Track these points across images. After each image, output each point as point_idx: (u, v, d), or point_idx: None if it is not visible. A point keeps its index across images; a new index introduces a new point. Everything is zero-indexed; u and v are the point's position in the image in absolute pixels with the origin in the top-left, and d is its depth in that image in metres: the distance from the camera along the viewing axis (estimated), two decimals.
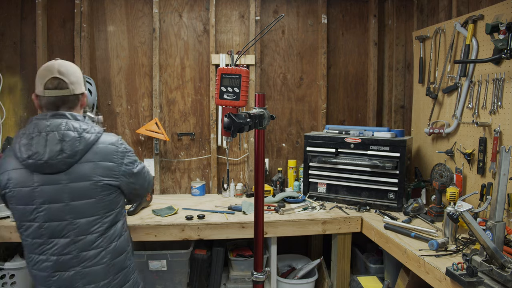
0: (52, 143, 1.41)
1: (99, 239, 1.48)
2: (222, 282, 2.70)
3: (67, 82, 1.51)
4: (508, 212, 2.04)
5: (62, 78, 1.50)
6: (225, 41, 3.10)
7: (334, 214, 2.51)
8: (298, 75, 3.25)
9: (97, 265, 1.48)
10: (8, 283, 2.23)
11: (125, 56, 3.00)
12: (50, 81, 1.49)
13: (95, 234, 1.48)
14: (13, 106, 2.89)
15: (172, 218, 2.37)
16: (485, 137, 2.24)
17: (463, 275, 1.49)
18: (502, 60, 2.11)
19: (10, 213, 1.53)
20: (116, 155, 1.53)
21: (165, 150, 3.08)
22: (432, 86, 2.74)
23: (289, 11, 3.20)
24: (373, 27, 3.27)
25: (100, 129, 1.54)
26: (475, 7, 2.48)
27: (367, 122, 3.37)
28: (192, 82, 3.09)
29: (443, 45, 2.64)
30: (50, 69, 1.51)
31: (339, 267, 2.55)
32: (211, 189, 3.12)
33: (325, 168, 2.81)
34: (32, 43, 2.85)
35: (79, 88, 1.55)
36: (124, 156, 1.56)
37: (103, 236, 1.49)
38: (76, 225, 1.45)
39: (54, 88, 1.50)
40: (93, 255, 1.48)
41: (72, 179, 1.44)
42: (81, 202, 1.45)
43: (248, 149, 3.15)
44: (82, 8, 2.84)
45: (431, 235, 2.06)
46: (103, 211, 1.49)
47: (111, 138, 1.56)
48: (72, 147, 1.42)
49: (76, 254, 1.46)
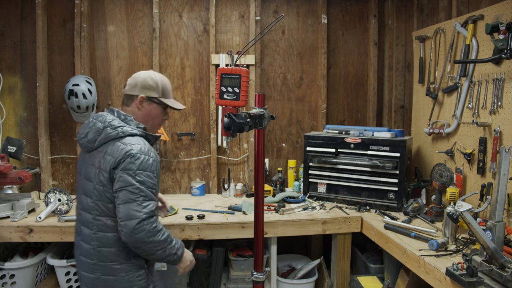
0: (87, 128, 1.67)
1: (93, 221, 1.62)
2: (222, 282, 2.70)
3: (126, 84, 1.77)
4: (508, 212, 2.04)
5: (127, 81, 1.77)
6: (225, 41, 3.10)
7: (334, 214, 2.51)
8: (298, 75, 3.25)
9: (87, 244, 1.64)
10: (8, 283, 2.23)
11: (125, 56, 3.00)
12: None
13: (91, 216, 1.63)
14: (13, 106, 2.89)
15: (172, 218, 2.37)
16: (485, 137, 2.24)
17: (463, 275, 1.49)
18: (502, 60, 2.11)
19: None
20: (123, 158, 1.57)
21: (165, 150, 3.08)
22: (432, 86, 2.74)
23: (289, 11, 3.20)
24: (373, 27, 3.27)
25: (131, 130, 1.64)
26: (475, 7, 2.47)
27: (367, 122, 3.37)
28: (192, 82, 3.09)
29: (443, 45, 2.64)
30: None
31: (339, 267, 2.55)
32: (211, 189, 3.12)
33: (325, 168, 2.81)
34: (32, 43, 2.85)
35: (133, 90, 1.73)
36: (129, 164, 1.56)
37: (95, 220, 1.62)
38: (82, 202, 1.67)
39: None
40: (86, 233, 1.64)
41: (87, 161, 1.67)
42: (86, 182, 1.65)
43: (248, 149, 3.15)
44: (82, 8, 2.84)
45: (431, 235, 2.06)
46: (99, 199, 1.61)
47: (136, 144, 1.60)
48: (94, 135, 1.64)
49: (79, 225, 1.69)
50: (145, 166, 1.58)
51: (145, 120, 1.74)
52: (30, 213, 2.33)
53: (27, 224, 2.17)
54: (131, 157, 1.57)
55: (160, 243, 1.59)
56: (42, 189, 2.88)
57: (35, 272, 2.32)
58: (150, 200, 1.58)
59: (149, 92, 1.72)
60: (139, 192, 1.55)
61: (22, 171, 2.33)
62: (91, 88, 2.75)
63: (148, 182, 1.58)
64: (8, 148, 2.62)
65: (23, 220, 2.23)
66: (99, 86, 2.97)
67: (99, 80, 2.97)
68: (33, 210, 2.37)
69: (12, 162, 2.65)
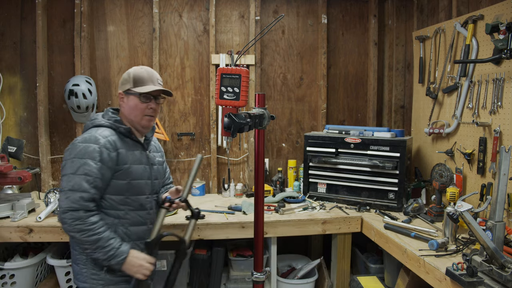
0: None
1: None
2: (222, 282, 2.70)
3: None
4: (508, 212, 2.04)
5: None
6: (225, 41, 3.10)
7: (334, 214, 2.50)
8: (298, 75, 3.25)
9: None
10: (8, 283, 2.23)
11: (125, 56, 3.00)
12: None
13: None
14: (13, 106, 2.89)
15: (172, 218, 2.37)
16: (485, 137, 2.24)
17: (463, 275, 1.49)
18: (502, 60, 2.11)
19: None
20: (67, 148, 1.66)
21: (165, 150, 3.07)
22: (432, 86, 2.74)
23: (289, 11, 3.20)
24: (373, 27, 3.27)
25: (99, 122, 1.72)
26: (475, 7, 2.47)
27: (367, 122, 3.37)
28: (192, 82, 3.09)
29: (443, 45, 2.64)
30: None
31: (339, 267, 2.55)
32: (211, 189, 3.12)
33: (325, 168, 2.81)
34: (32, 43, 2.85)
35: (119, 88, 1.80)
36: (66, 152, 1.65)
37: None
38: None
39: None
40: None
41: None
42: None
43: (248, 149, 3.15)
44: (82, 8, 2.84)
45: (431, 235, 2.06)
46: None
47: (87, 134, 1.67)
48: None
49: None
50: (81, 153, 1.59)
51: (129, 114, 1.75)
52: (30, 213, 2.33)
53: (27, 224, 2.17)
54: (70, 146, 1.64)
55: (84, 242, 1.56)
56: (42, 189, 2.88)
57: (35, 272, 2.32)
58: (77, 190, 1.55)
59: (124, 86, 1.74)
60: (66, 181, 1.57)
61: (22, 171, 2.33)
62: (91, 88, 2.75)
63: (80, 169, 1.56)
64: (8, 148, 2.62)
65: (23, 220, 2.22)
66: (99, 86, 2.97)
67: (99, 80, 2.97)
68: (33, 210, 2.37)
69: (12, 162, 2.65)
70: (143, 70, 1.76)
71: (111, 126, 1.71)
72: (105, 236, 1.58)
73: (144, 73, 1.74)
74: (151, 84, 1.75)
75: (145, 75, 1.74)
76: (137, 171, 1.75)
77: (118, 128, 1.72)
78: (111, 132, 1.70)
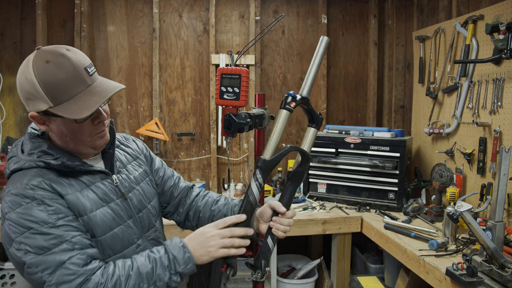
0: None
1: None
2: (222, 282, 2.70)
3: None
4: (508, 212, 2.04)
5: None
6: (225, 41, 3.10)
7: (334, 214, 2.50)
8: (298, 75, 3.25)
9: None
10: (8, 283, 2.23)
11: (125, 56, 3.00)
12: None
13: None
14: (13, 106, 2.89)
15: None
16: (485, 137, 2.24)
17: (463, 275, 1.49)
18: (502, 60, 2.11)
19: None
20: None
21: (165, 150, 3.08)
22: (432, 86, 2.74)
23: (289, 11, 3.20)
24: (373, 27, 3.27)
25: (13, 166, 1.09)
26: (475, 7, 2.47)
27: (367, 122, 3.37)
28: (192, 82, 3.09)
29: (443, 45, 2.64)
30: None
31: (339, 267, 2.55)
32: (211, 189, 3.11)
33: (325, 168, 2.81)
34: (32, 43, 2.85)
35: (26, 105, 1.14)
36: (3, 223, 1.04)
37: None
38: None
39: None
40: None
41: None
42: None
43: (248, 149, 3.15)
44: (82, 8, 2.84)
45: (431, 235, 2.06)
46: None
47: (11, 188, 1.05)
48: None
49: None
50: (24, 223, 0.99)
51: (65, 142, 1.11)
52: None
53: None
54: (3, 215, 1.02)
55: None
56: None
57: None
58: (59, 267, 0.99)
59: (35, 104, 1.02)
60: (42, 270, 0.99)
61: None
62: None
63: (48, 243, 1.00)
64: (8, 148, 2.62)
65: None
66: None
67: None
68: None
69: None
70: (53, 66, 1.00)
71: (37, 166, 1.06)
72: (135, 264, 1.09)
73: (59, 74, 1.01)
74: (81, 86, 1.05)
75: (62, 76, 1.01)
76: (104, 218, 1.11)
77: (49, 165, 1.06)
78: (40, 174, 1.05)
